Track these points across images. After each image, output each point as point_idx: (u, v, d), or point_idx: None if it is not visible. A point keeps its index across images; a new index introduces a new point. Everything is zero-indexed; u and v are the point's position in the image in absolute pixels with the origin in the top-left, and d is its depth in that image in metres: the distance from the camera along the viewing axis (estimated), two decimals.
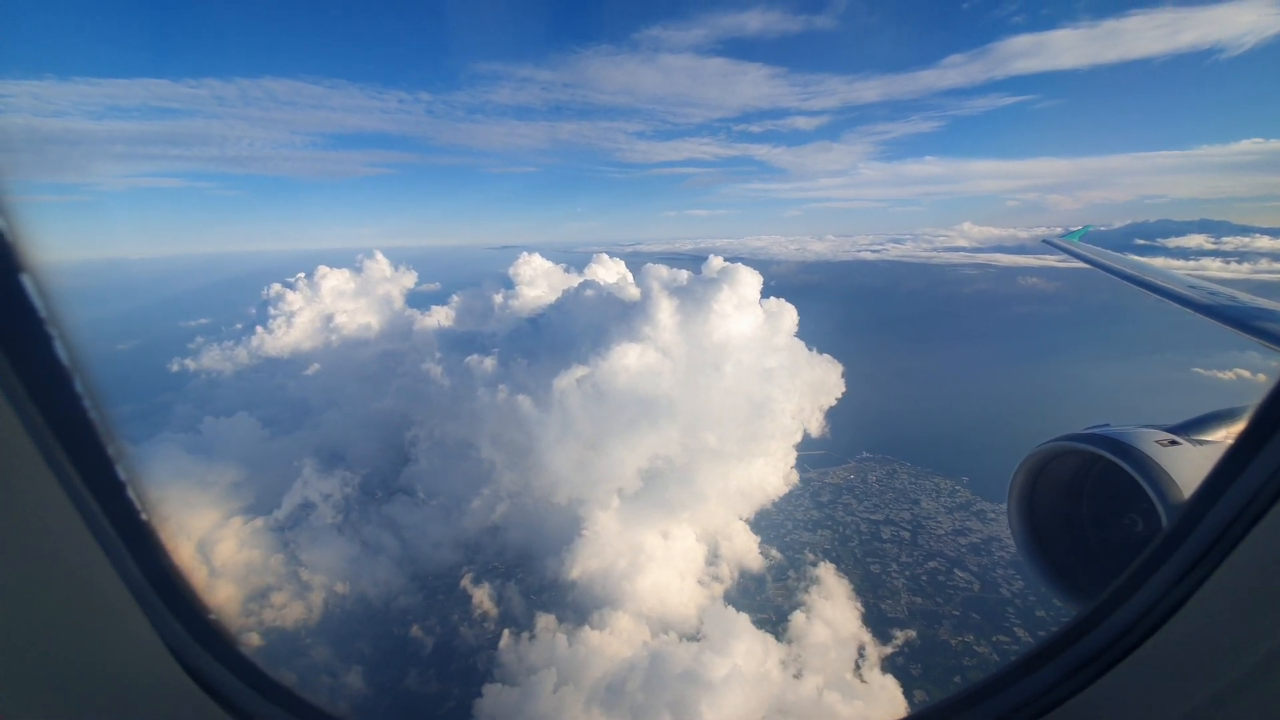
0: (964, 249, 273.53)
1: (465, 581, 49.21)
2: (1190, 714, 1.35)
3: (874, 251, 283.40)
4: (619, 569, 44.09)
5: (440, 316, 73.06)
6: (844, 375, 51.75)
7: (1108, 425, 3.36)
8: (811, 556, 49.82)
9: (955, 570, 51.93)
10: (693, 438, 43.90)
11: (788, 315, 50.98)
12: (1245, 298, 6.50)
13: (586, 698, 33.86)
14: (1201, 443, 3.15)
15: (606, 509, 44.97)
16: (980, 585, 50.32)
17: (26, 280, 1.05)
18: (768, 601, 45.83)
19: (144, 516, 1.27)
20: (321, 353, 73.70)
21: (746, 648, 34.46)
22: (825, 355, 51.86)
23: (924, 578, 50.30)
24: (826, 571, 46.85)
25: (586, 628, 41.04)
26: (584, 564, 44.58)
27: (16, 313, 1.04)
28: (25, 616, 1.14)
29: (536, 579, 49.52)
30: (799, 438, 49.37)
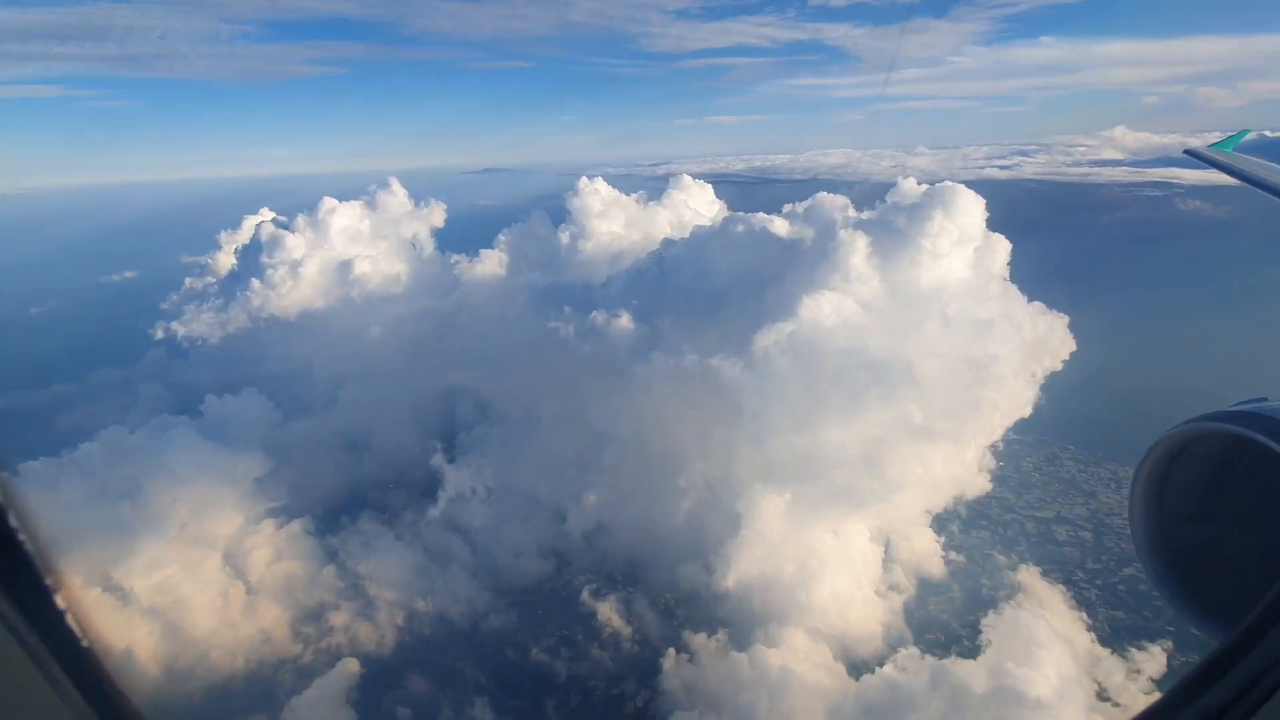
0: (1122, 163, 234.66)
1: (585, 595, 48.63)
2: None
3: (1003, 168, 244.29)
4: (786, 577, 43.72)
5: (495, 263, 69.62)
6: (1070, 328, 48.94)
7: (1265, 400, 3.22)
8: (1004, 560, 50.11)
9: None
10: (894, 413, 42.58)
11: (999, 251, 46.76)
12: None
13: None
14: None
15: (773, 503, 44.10)
16: None
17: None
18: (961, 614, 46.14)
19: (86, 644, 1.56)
20: (340, 311, 70.05)
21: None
22: (1037, 303, 48.73)
23: (1121, 588, 48.61)
24: (1031, 577, 47.15)
25: (760, 647, 40.89)
26: (740, 572, 44.05)
27: None
28: None
29: (668, 592, 49.24)
30: (1028, 411, 47.82)
